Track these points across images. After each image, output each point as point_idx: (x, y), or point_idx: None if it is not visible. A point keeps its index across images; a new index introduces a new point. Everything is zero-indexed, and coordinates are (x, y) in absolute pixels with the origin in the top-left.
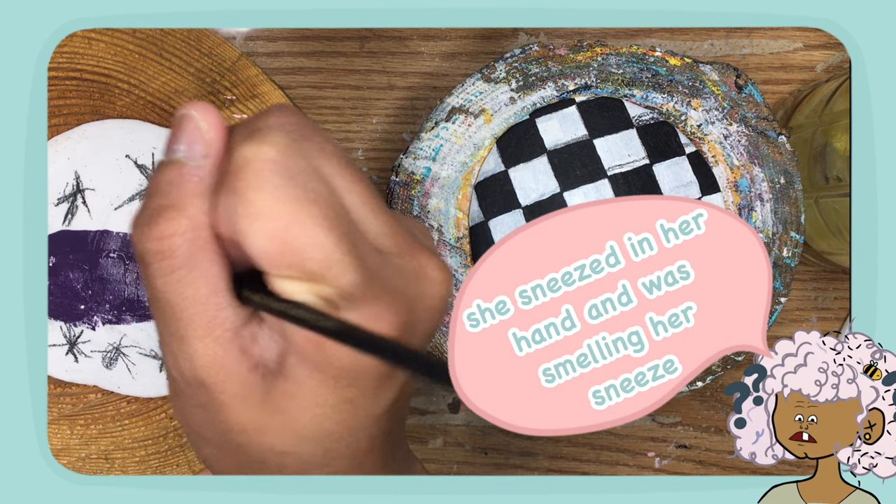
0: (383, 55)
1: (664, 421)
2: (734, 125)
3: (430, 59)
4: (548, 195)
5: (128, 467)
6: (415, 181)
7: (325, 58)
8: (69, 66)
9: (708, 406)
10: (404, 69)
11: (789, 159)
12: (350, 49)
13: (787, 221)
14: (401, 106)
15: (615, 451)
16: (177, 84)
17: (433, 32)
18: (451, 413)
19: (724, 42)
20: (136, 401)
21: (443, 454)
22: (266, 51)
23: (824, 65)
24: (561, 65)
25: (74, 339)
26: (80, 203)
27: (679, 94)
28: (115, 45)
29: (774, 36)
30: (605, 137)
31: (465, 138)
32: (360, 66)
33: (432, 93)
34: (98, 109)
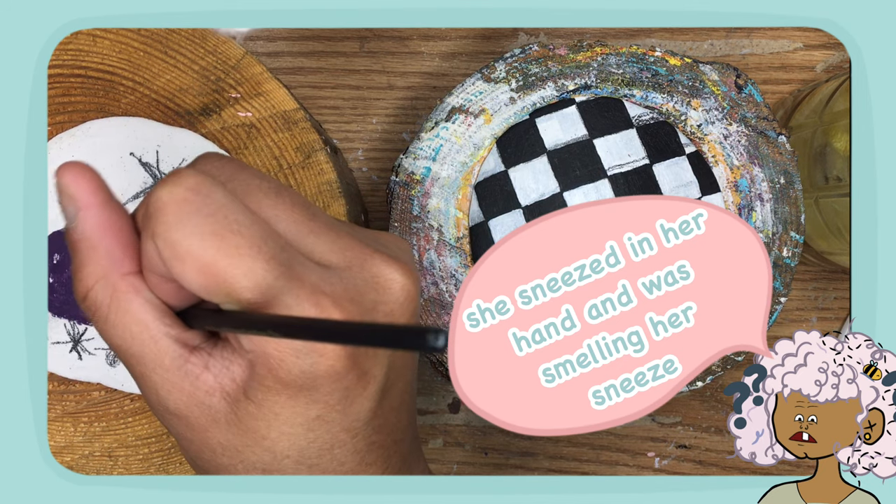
0: (383, 55)
1: (664, 421)
2: (734, 125)
3: (430, 59)
4: (548, 195)
5: (131, 465)
6: (415, 181)
7: (325, 58)
8: (74, 64)
9: (708, 406)
10: (404, 69)
11: (789, 159)
12: (350, 49)
13: (787, 221)
14: (401, 106)
15: (615, 451)
16: (181, 82)
17: (433, 32)
18: (451, 413)
19: (724, 42)
20: (140, 398)
21: (443, 454)
22: (266, 51)
23: (824, 65)
24: (561, 65)
25: (78, 337)
26: None
27: (679, 94)
28: (120, 43)
29: (774, 36)
30: (605, 137)
31: (465, 138)
32: (360, 66)
33: (432, 93)
34: (103, 107)
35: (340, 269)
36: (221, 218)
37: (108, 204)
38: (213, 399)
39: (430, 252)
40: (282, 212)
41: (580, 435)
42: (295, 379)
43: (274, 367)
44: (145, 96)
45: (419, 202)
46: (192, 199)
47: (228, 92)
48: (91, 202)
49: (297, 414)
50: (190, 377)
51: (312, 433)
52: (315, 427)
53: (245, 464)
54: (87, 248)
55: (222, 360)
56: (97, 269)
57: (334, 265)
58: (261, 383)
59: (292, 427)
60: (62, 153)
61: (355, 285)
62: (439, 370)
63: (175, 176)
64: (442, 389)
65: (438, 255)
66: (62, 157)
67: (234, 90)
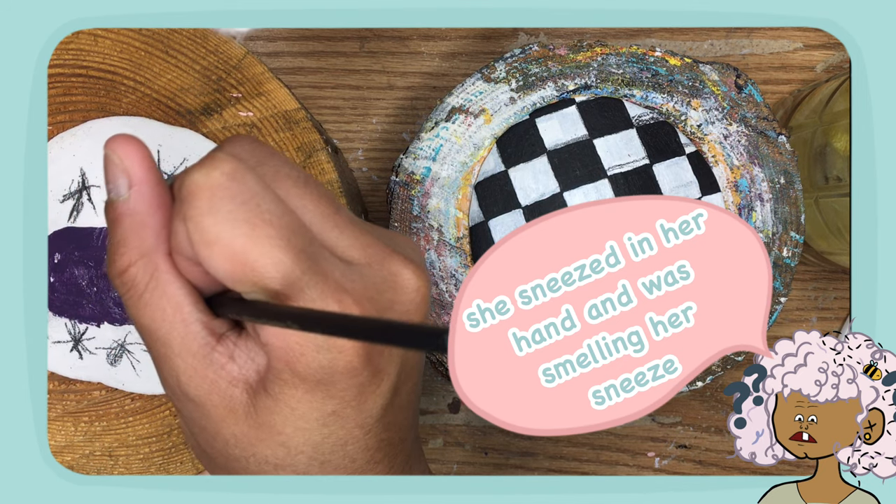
0: (383, 55)
1: (664, 421)
2: (734, 125)
3: (430, 59)
4: (548, 195)
5: (132, 464)
6: (415, 181)
7: (325, 58)
8: (75, 63)
9: (708, 406)
10: (404, 69)
11: (789, 159)
12: (350, 49)
13: (787, 221)
14: (401, 106)
15: (615, 451)
16: (182, 81)
17: (433, 32)
18: (451, 413)
19: (724, 42)
20: (141, 398)
21: (443, 454)
22: (266, 51)
23: (824, 65)
24: (561, 65)
25: (79, 336)
26: (85, 200)
27: (679, 94)
28: (122, 43)
29: (774, 36)
30: (605, 137)
31: (465, 138)
32: (360, 66)
33: (432, 93)
34: (104, 106)
35: (361, 266)
36: (254, 206)
37: (161, 182)
38: (235, 390)
39: (430, 252)
40: (309, 202)
41: (580, 435)
42: (313, 373)
43: (293, 361)
44: (146, 96)
45: (419, 202)
46: (226, 185)
47: (229, 92)
48: (145, 178)
49: (314, 409)
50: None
51: (327, 428)
52: (330, 422)
53: (257, 457)
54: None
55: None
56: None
57: (355, 261)
58: (278, 377)
59: (308, 422)
60: (63, 153)
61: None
62: (439, 370)
63: (210, 160)
64: (442, 389)
65: (438, 255)
66: (63, 157)
67: (236, 90)
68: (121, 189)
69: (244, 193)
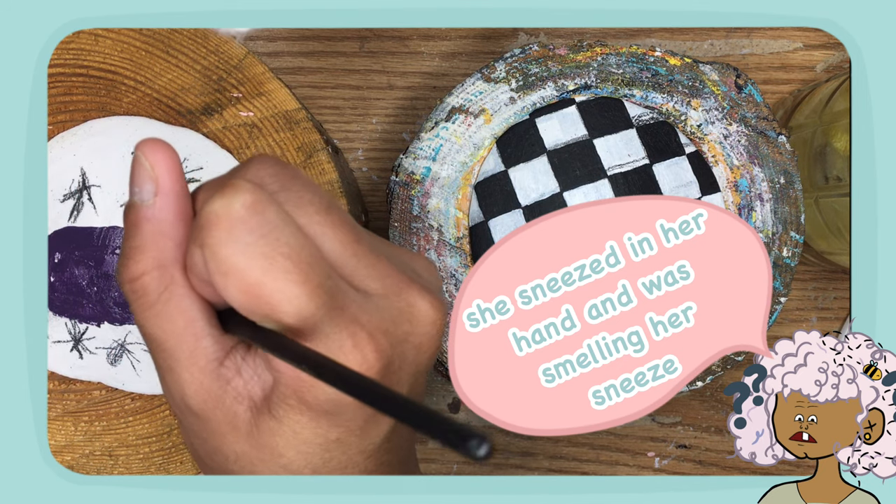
0: (383, 55)
1: (664, 421)
2: (734, 125)
3: (430, 59)
4: (548, 195)
5: (132, 464)
6: (415, 181)
7: (325, 58)
8: (76, 63)
9: (708, 406)
10: (404, 69)
11: (789, 159)
12: (350, 49)
13: (787, 221)
14: (401, 106)
15: (615, 451)
16: (183, 81)
17: (433, 32)
18: (451, 413)
19: (724, 42)
20: (141, 398)
21: (443, 454)
22: (266, 51)
23: (824, 65)
24: (561, 65)
25: (79, 336)
26: (86, 199)
27: (679, 94)
28: (122, 42)
29: (774, 36)
30: (605, 137)
31: (464, 138)
32: (360, 66)
33: (432, 93)
34: (104, 106)
35: (378, 297)
36: (273, 240)
37: (187, 194)
38: (239, 406)
39: (430, 252)
40: (329, 229)
41: (580, 435)
42: (321, 404)
43: (301, 391)
44: (147, 95)
45: (419, 202)
46: (246, 218)
47: (230, 91)
48: (171, 189)
49: (318, 435)
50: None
51: (329, 454)
52: (332, 448)
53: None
54: (156, 232)
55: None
56: (160, 256)
57: (372, 291)
58: (284, 401)
59: (310, 447)
60: (64, 152)
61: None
62: (439, 370)
63: (232, 188)
64: (442, 389)
65: (438, 255)
66: (64, 157)
67: (236, 90)
68: (145, 194)
69: (263, 227)
